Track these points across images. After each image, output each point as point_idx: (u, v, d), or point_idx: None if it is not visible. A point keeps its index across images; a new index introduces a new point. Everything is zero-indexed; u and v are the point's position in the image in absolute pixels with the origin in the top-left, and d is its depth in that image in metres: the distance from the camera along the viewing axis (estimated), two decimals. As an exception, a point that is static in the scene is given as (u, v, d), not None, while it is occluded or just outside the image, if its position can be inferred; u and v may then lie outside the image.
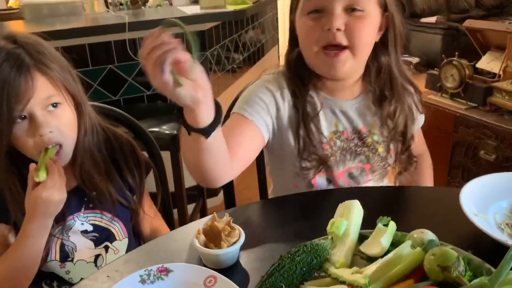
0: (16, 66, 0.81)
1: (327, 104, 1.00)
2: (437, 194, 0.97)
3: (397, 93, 0.99)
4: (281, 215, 0.90)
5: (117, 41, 2.05)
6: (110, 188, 0.96)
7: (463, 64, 2.00)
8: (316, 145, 0.97)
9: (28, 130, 0.83)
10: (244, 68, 2.88)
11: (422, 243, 0.68)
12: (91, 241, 0.97)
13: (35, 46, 0.85)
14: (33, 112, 0.82)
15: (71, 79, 0.89)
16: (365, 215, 0.75)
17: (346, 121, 1.01)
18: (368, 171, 1.03)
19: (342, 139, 1.00)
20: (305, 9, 0.92)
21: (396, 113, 0.99)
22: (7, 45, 0.83)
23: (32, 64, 0.83)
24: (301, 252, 0.67)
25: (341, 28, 0.89)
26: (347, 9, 0.89)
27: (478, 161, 1.97)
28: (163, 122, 1.87)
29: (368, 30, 0.92)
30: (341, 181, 1.02)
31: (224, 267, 0.74)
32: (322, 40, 0.90)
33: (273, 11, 3.47)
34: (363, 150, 1.01)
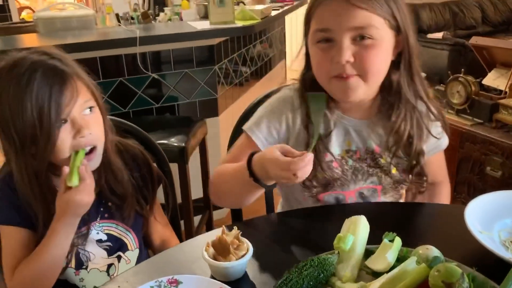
0: (59, 75, 0.87)
1: (341, 123, 1.00)
2: (442, 211, 0.98)
3: (403, 111, 0.97)
4: (288, 229, 0.91)
5: (127, 54, 2.09)
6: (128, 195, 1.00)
7: (469, 80, 2.02)
8: (323, 166, 0.96)
9: (69, 132, 0.88)
10: (252, 82, 2.92)
11: (427, 259, 0.69)
12: (105, 251, 0.99)
13: (65, 56, 0.92)
14: (74, 116, 0.88)
15: (95, 86, 0.96)
16: (371, 231, 0.76)
17: (359, 141, 1.00)
18: (380, 192, 1.02)
19: (354, 159, 1.00)
20: (314, 38, 0.92)
21: (399, 129, 0.97)
22: (42, 57, 0.88)
23: (71, 72, 0.89)
24: (308, 266, 0.68)
25: (350, 60, 0.87)
26: (355, 39, 0.88)
27: (484, 177, 1.97)
28: (171, 135, 1.90)
29: (380, 57, 0.90)
30: (351, 200, 1.01)
31: (232, 280, 0.75)
32: (333, 71, 0.90)
33: (281, 26, 3.51)
34: (375, 171, 1.00)
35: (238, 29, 2.19)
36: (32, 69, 0.85)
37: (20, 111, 0.84)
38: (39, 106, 0.84)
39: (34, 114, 0.84)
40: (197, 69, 2.28)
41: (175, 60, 2.22)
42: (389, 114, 0.98)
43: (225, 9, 2.17)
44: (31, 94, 0.84)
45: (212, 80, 2.32)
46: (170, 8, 2.82)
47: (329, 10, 0.88)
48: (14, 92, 0.84)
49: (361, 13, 0.86)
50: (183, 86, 2.27)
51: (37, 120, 0.84)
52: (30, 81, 0.84)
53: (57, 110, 0.85)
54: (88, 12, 2.41)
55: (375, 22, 0.87)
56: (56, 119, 0.85)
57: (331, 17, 0.88)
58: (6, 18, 4.48)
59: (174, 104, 2.29)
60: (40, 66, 0.86)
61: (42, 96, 0.84)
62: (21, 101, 0.84)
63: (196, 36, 2.12)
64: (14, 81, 0.85)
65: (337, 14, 0.87)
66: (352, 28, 0.87)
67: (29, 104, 0.84)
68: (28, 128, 0.85)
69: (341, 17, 0.87)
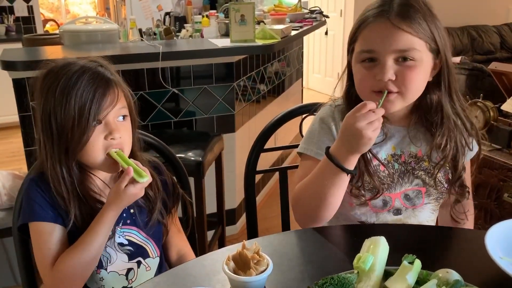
0: (104, 81, 0.96)
1: (385, 130, 1.05)
2: (462, 235, 0.97)
3: (447, 129, 1.02)
4: (307, 247, 0.92)
5: (149, 69, 2.14)
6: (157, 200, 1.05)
7: (488, 106, 2.01)
8: (371, 170, 1.01)
9: (101, 133, 0.95)
10: (269, 99, 2.95)
11: (447, 282, 0.69)
12: (126, 255, 1.02)
13: (111, 67, 1.01)
14: (109, 119, 0.95)
15: (132, 99, 1.04)
16: (390, 252, 0.77)
17: (403, 145, 1.06)
18: (424, 194, 1.06)
19: (400, 162, 1.05)
20: (359, 58, 0.98)
21: (445, 147, 1.02)
22: (91, 64, 0.98)
23: (115, 80, 0.98)
24: (328, 284, 0.69)
25: (392, 78, 0.94)
26: (398, 59, 0.94)
27: (501, 204, 1.95)
28: (189, 149, 1.92)
29: (419, 77, 0.96)
30: (397, 202, 1.05)
31: (251, 295, 0.76)
32: (375, 87, 0.96)
33: (298, 46, 3.55)
34: (419, 174, 1.05)
35: (258, 47, 2.23)
36: (82, 71, 0.94)
37: (64, 105, 0.91)
38: (82, 103, 0.92)
39: (76, 110, 0.91)
40: (216, 85, 2.31)
41: (195, 76, 2.26)
42: (431, 130, 1.04)
43: (246, 27, 2.21)
44: (77, 92, 0.92)
45: (230, 97, 2.36)
46: (191, 25, 2.88)
47: (375, 33, 0.95)
48: (62, 87, 0.92)
49: (405, 37, 0.93)
50: (202, 101, 2.30)
51: (76, 116, 0.91)
52: (78, 80, 0.92)
53: (96, 111, 0.93)
54: (112, 27, 2.47)
55: (417, 45, 0.93)
56: (94, 118, 0.92)
57: (376, 40, 0.94)
58: (31, 29, 4.62)
59: (192, 119, 2.32)
60: (89, 70, 0.95)
61: (86, 95, 0.92)
62: (66, 96, 0.91)
63: (217, 53, 2.17)
64: (64, 78, 0.93)
65: (383, 36, 0.94)
66: (395, 51, 0.93)
67: (73, 100, 0.91)
68: (67, 122, 0.92)
69: (386, 40, 0.93)
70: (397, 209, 1.06)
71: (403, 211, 1.06)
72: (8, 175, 2.00)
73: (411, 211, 1.06)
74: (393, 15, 0.93)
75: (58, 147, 0.94)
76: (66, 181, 0.95)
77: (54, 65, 0.97)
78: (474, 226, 1.25)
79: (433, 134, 1.03)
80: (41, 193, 0.96)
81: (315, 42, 5.96)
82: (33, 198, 0.96)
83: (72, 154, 0.95)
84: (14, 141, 3.94)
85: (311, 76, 6.15)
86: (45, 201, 0.95)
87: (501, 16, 5.31)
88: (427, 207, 1.07)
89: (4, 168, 3.09)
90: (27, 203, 0.96)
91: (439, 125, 1.02)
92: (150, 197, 1.05)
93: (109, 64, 1.00)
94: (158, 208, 1.05)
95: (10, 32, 4.46)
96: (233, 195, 2.51)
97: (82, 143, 0.93)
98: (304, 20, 3.13)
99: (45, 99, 0.94)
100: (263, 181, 2.99)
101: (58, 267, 0.93)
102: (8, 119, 4.10)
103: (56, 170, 0.94)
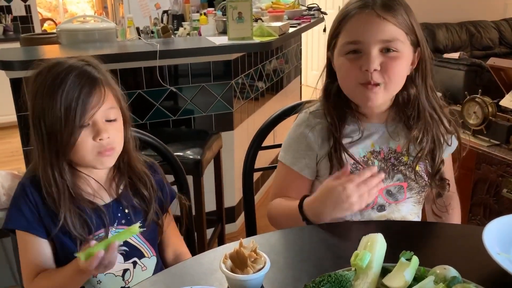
0: (90, 80, 0.94)
1: (365, 127, 1.07)
2: (460, 231, 0.97)
3: (423, 123, 1.03)
4: (304, 244, 0.92)
5: (147, 67, 2.13)
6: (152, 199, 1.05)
7: (486, 101, 2.01)
8: (352, 171, 1.03)
9: (89, 134, 0.94)
10: (267, 97, 2.94)
11: (444, 279, 0.69)
12: (121, 255, 1.01)
13: (100, 66, 0.99)
14: (96, 119, 0.94)
15: (123, 98, 1.02)
16: (387, 249, 0.76)
17: (381, 142, 1.07)
18: (406, 189, 1.07)
19: (379, 159, 1.06)
20: (343, 50, 0.99)
21: (422, 140, 1.04)
22: (79, 62, 0.96)
23: (102, 79, 0.96)
24: (325, 282, 0.69)
25: (378, 68, 0.96)
26: (382, 50, 0.96)
27: (500, 199, 1.95)
28: (187, 147, 1.92)
29: (402, 68, 0.99)
30: (380, 198, 1.06)
31: (248, 293, 0.76)
32: (361, 79, 0.98)
33: (297, 43, 3.54)
34: (400, 169, 1.06)
35: (256, 45, 2.22)
36: (68, 71, 0.92)
37: (50, 106, 0.90)
38: (67, 104, 0.90)
39: (62, 111, 0.90)
40: (214, 83, 2.31)
41: (193, 74, 2.26)
42: (408, 124, 1.05)
43: (244, 25, 2.20)
44: (62, 92, 0.90)
45: (229, 95, 2.35)
46: (189, 23, 2.87)
47: (360, 24, 0.96)
48: (49, 89, 0.91)
49: (390, 27, 0.95)
50: (200, 99, 2.30)
51: (63, 117, 0.90)
52: (64, 80, 0.91)
53: (82, 111, 0.91)
54: (110, 25, 2.47)
55: (400, 37, 0.96)
56: (80, 119, 0.91)
57: (361, 30, 0.96)
58: (29, 29, 4.61)
59: (191, 117, 2.32)
60: (75, 69, 0.93)
61: (71, 95, 0.90)
62: (52, 97, 0.90)
63: (215, 51, 2.16)
64: (50, 79, 0.92)
65: (368, 27, 0.96)
66: (381, 41, 0.95)
67: (59, 101, 0.90)
68: (55, 124, 0.91)
69: (372, 30, 0.95)
70: (380, 205, 1.07)
71: (386, 207, 1.07)
72: (7, 175, 1.99)
73: (394, 206, 1.08)
74: (377, 6, 0.95)
75: (49, 149, 0.93)
76: (58, 183, 0.94)
77: (44, 66, 0.96)
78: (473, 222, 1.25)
79: (410, 128, 1.05)
80: (29, 203, 0.95)
81: (313, 39, 5.95)
82: (21, 207, 0.95)
83: (62, 156, 0.94)
84: (13, 141, 3.93)
85: (309, 73, 6.14)
86: (32, 212, 0.95)
87: (499, 11, 5.29)
88: (409, 201, 1.09)
89: (3, 168, 3.09)
90: (14, 210, 0.96)
91: (415, 118, 1.04)
92: (146, 198, 1.04)
93: (98, 64, 0.99)
94: (153, 209, 1.05)
95: (7, 32, 4.45)
96: (232, 193, 2.51)
97: (70, 145, 0.92)
98: (302, 17, 3.13)
99: (35, 101, 0.93)
100: (262, 179, 2.99)
101: (36, 283, 0.94)
102: (6, 119, 4.10)
103: (47, 172, 0.94)
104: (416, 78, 1.03)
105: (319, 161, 1.07)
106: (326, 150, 1.06)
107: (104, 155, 0.95)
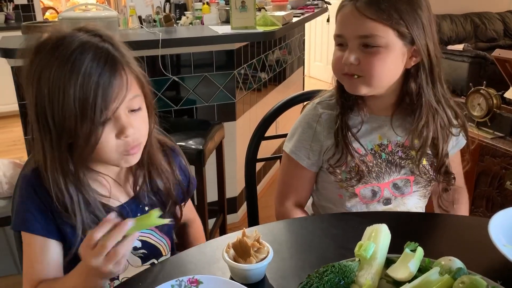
0: (110, 63, 0.74)
1: (372, 120, 1.06)
2: (465, 223, 0.96)
3: (426, 115, 1.02)
4: (308, 234, 0.91)
5: (149, 56, 2.12)
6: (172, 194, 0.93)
7: (491, 93, 1.99)
8: (358, 161, 1.02)
9: (111, 131, 0.77)
10: (270, 87, 2.92)
11: (449, 270, 0.69)
12: (139, 258, 0.91)
13: (117, 40, 0.79)
14: (120, 113, 0.76)
15: (146, 79, 0.83)
16: (391, 240, 0.76)
17: (389, 135, 1.06)
18: (412, 183, 1.07)
19: (387, 152, 1.06)
20: (335, 42, 1.03)
21: (422, 132, 1.03)
22: (92, 38, 0.76)
23: (124, 62, 0.77)
24: (329, 272, 0.68)
25: (355, 62, 0.97)
26: (362, 45, 0.96)
27: (503, 191, 1.94)
28: (189, 137, 1.91)
29: (384, 64, 0.96)
30: (386, 192, 1.06)
31: (251, 282, 0.75)
32: (342, 69, 1.00)
33: (300, 33, 3.52)
34: (407, 163, 1.06)
35: (259, 34, 2.20)
36: (80, 52, 0.73)
37: (61, 98, 0.72)
38: (84, 95, 0.72)
39: (77, 106, 0.72)
40: (217, 73, 2.29)
41: (195, 64, 2.24)
42: (412, 117, 1.04)
43: (247, 14, 2.18)
44: (76, 82, 0.72)
45: (231, 85, 2.34)
46: (191, 12, 2.85)
47: (343, 18, 0.99)
48: (57, 75, 0.72)
49: (368, 23, 0.94)
50: (202, 89, 2.29)
51: (79, 113, 0.73)
52: (76, 65, 0.72)
53: (103, 104, 0.73)
54: (112, 14, 2.44)
55: (380, 32, 0.94)
56: (100, 115, 0.73)
57: (343, 25, 0.99)
58: (30, 17, 4.58)
59: (193, 107, 2.30)
60: (90, 49, 0.74)
61: (88, 86, 0.72)
62: (63, 87, 0.72)
63: (218, 40, 2.14)
64: (58, 62, 0.73)
65: (348, 22, 0.97)
66: (358, 36, 0.96)
67: (72, 93, 0.72)
68: (67, 120, 0.73)
69: (350, 25, 0.97)
70: (386, 198, 1.07)
71: (392, 201, 1.07)
72: (9, 164, 1.99)
73: (400, 199, 1.07)
74: (360, 1, 0.95)
75: (59, 150, 0.76)
76: (71, 193, 0.79)
77: (43, 42, 0.75)
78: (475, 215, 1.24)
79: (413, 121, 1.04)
80: (36, 199, 0.80)
81: (316, 30, 5.91)
82: (26, 204, 0.81)
83: (79, 159, 0.78)
84: (15, 129, 3.93)
85: (312, 64, 6.10)
86: (39, 209, 0.80)
87: (504, 3, 5.24)
88: (415, 195, 1.09)
89: (5, 157, 3.09)
90: (20, 208, 0.82)
91: (417, 111, 1.03)
92: (165, 193, 0.92)
93: (112, 36, 0.79)
94: (172, 203, 0.94)
95: (9, 21, 4.42)
96: (234, 184, 2.51)
97: (90, 146, 0.75)
98: (306, 7, 3.10)
99: (38, 90, 0.74)
100: (264, 170, 2.99)
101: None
102: (8, 108, 4.09)
103: (57, 180, 0.78)
104: (419, 72, 1.00)
105: (325, 153, 1.07)
106: (332, 141, 1.05)
107: (130, 153, 0.80)
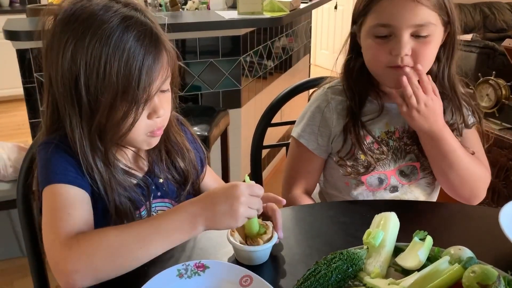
0: (155, 41, 0.72)
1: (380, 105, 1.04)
2: (475, 212, 0.95)
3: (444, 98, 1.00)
4: (315, 221, 0.90)
5: (154, 41, 2.09)
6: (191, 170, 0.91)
7: (500, 84, 1.97)
8: (364, 148, 1.01)
9: (144, 112, 0.75)
10: (275, 75, 2.90)
11: (459, 259, 0.68)
12: None
13: (153, 16, 0.76)
14: (152, 93, 0.75)
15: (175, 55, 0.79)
16: (400, 228, 0.75)
17: (396, 122, 1.05)
18: (419, 169, 1.05)
19: (394, 139, 1.04)
20: (372, 32, 0.96)
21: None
22: (133, 12, 0.72)
23: (164, 41, 0.75)
24: (337, 259, 0.67)
25: (408, 53, 0.93)
26: (413, 35, 0.93)
27: (509, 183, 1.92)
28: (194, 123, 1.89)
29: (433, 52, 0.96)
30: (393, 179, 1.05)
31: (256, 264, 0.75)
32: (391, 63, 0.95)
33: (307, 20, 3.48)
34: (412, 149, 1.04)
35: (266, 20, 2.18)
36: (124, 27, 0.70)
37: (101, 71, 0.69)
38: (128, 73, 0.70)
39: (120, 82, 0.70)
40: (222, 59, 2.27)
41: (201, 50, 2.22)
42: None
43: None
44: (121, 58, 0.69)
45: (237, 71, 2.32)
46: (197, -3, 2.82)
47: (394, 7, 0.92)
48: (98, 48, 0.69)
49: (423, 11, 0.91)
50: (208, 76, 2.27)
51: (120, 89, 0.70)
52: (122, 41, 0.69)
53: (147, 84, 0.71)
54: (117, -2, 2.42)
55: (433, 20, 0.93)
56: (143, 93, 0.71)
57: (395, 13, 0.92)
58: (35, 0, 4.55)
59: (198, 94, 2.29)
60: (134, 26, 0.71)
61: (133, 63, 0.70)
62: (105, 61, 0.69)
63: (224, 26, 2.12)
64: (99, 35, 0.69)
65: (402, 11, 0.91)
66: (414, 25, 0.92)
67: (116, 67, 0.69)
68: (106, 94, 0.70)
69: (405, 14, 0.91)
70: (393, 186, 1.05)
71: (399, 188, 1.05)
72: (13, 147, 1.99)
73: (407, 187, 1.06)
74: None
75: (88, 126, 0.73)
76: (101, 172, 0.76)
77: (73, 12, 0.71)
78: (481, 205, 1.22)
79: None
80: (65, 155, 0.75)
81: (323, 17, 5.85)
82: (53, 159, 0.75)
83: (112, 138, 0.75)
84: (19, 113, 3.93)
85: (318, 52, 6.06)
86: (69, 164, 0.74)
87: (515, -8, 5.16)
88: (422, 181, 1.07)
89: (9, 140, 3.09)
90: (44, 167, 0.75)
91: None
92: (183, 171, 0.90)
93: (149, 11, 0.75)
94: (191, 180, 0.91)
95: (14, 3, 4.40)
96: (238, 171, 2.50)
97: (126, 127, 0.73)
98: (313, -7, 3.05)
99: (72, 61, 0.70)
100: (269, 157, 2.98)
101: (80, 240, 0.67)
102: (12, 92, 4.08)
103: (87, 158, 0.74)
104: (442, 55, 1.00)
105: (334, 139, 1.05)
106: (341, 127, 1.04)
107: (155, 135, 0.79)
